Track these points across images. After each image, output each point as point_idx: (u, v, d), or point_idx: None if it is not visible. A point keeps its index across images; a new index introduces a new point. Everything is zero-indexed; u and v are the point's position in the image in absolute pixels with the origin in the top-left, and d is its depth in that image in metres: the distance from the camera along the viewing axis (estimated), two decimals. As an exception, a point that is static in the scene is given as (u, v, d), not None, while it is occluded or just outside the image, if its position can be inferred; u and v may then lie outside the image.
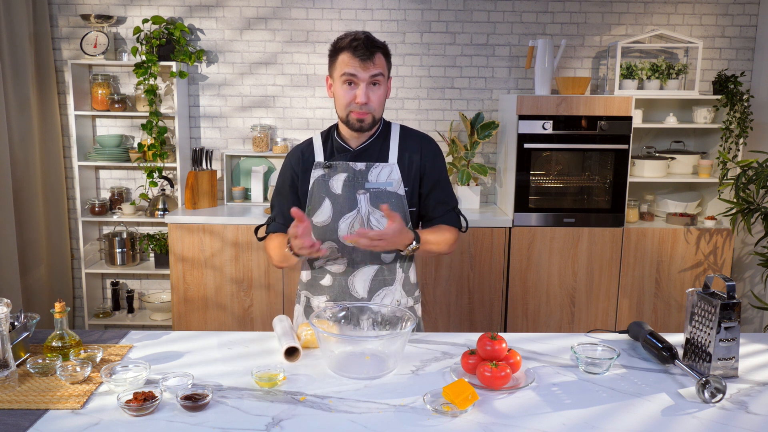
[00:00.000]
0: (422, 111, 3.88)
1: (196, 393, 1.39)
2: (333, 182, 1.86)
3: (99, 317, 3.86)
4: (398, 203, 1.85)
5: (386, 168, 1.85)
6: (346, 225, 1.85)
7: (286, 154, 2.43)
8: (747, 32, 3.82)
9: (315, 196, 1.88)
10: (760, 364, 1.65)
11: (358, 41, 1.74)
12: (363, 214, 1.84)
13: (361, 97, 1.76)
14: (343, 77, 1.76)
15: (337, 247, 1.88)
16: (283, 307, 3.50)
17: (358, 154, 1.87)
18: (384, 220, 1.82)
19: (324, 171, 1.87)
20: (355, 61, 1.74)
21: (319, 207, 1.87)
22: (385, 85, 1.82)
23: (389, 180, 1.85)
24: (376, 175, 1.85)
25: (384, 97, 1.82)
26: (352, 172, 1.85)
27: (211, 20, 3.80)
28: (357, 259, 1.88)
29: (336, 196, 1.85)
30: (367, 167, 1.85)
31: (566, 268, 3.51)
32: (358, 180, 1.85)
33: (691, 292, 1.64)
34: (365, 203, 1.84)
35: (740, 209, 3.29)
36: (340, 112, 1.82)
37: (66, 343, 1.60)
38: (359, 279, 1.88)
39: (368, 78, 1.75)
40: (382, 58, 1.79)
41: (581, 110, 3.42)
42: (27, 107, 3.53)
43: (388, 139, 1.90)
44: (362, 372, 1.55)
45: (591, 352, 1.64)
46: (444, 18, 3.80)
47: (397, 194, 1.85)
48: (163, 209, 3.78)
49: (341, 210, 1.85)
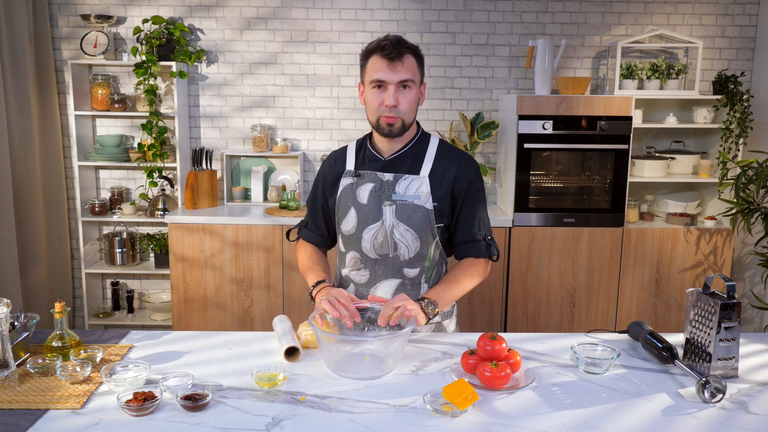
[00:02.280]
0: (422, 111, 3.88)
1: (196, 393, 1.39)
2: (360, 191, 1.83)
3: (99, 317, 3.86)
4: (424, 217, 1.80)
5: (416, 180, 1.80)
6: (369, 236, 1.82)
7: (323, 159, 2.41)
8: (747, 32, 3.82)
9: (342, 204, 1.86)
10: (760, 364, 1.65)
11: (386, 41, 1.72)
12: (387, 227, 1.80)
13: (389, 100, 1.72)
14: (372, 83, 1.74)
15: (360, 258, 1.86)
16: (283, 307, 3.50)
17: (389, 164, 1.82)
18: (408, 234, 1.80)
19: (352, 180, 1.85)
20: (383, 62, 1.71)
21: (346, 215, 1.85)
22: (417, 90, 1.77)
23: (417, 193, 1.79)
24: (404, 187, 1.80)
25: (415, 101, 1.77)
26: (379, 183, 1.81)
27: (211, 20, 3.80)
28: (379, 272, 1.85)
29: (362, 206, 1.83)
30: (395, 179, 1.81)
31: (566, 268, 3.51)
32: (384, 191, 1.81)
33: (691, 292, 1.64)
34: (390, 215, 1.80)
35: (740, 209, 3.29)
36: (371, 116, 1.78)
37: (66, 343, 1.60)
38: (381, 292, 1.85)
39: (397, 82, 1.71)
40: (413, 60, 1.75)
41: (581, 110, 3.42)
42: (27, 107, 3.53)
43: (423, 151, 1.84)
44: (362, 372, 1.55)
45: (591, 352, 1.64)
46: (444, 18, 3.80)
47: (424, 208, 1.79)
48: (163, 209, 3.78)
49: (366, 220, 1.82)
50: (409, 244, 1.81)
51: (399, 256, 1.82)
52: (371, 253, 1.84)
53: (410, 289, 1.86)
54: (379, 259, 1.83)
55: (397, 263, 1.83)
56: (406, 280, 1.85)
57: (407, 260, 1.83)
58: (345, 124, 3.90)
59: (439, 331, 1.92)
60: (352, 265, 1.88)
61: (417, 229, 1.80)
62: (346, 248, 1.89)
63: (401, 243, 1.81)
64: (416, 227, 1.80)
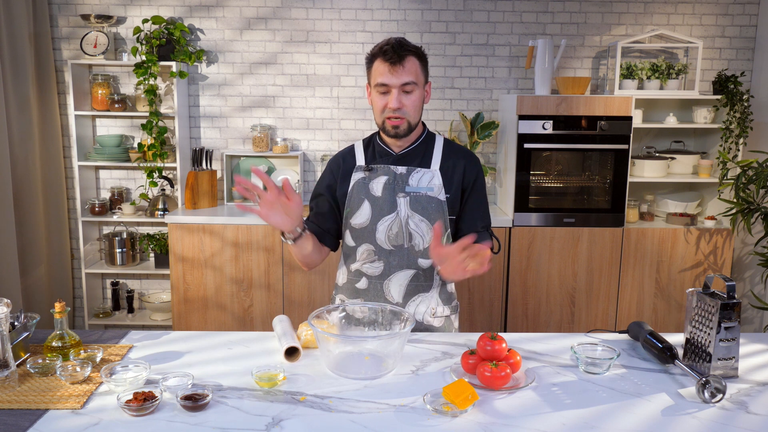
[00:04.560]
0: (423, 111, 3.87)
1: (196, 393, 1.39)
2: (373, 185, 1.86)
3: (99, 317, 3.86)
4: (438, 208, 1.84)
5: (428, 173, 1.85)
6: (384, 227, 1.85)
7: (327, 161, 2.43)
8: (747, 32, 3.82)
9: (354, 198, 1.88)
10: (760, 364, 1.65)
11: (388, 45, 1.76)
12: (402, 218, 1.84)
13: (393, 102, 1.77)
14: (377, 87, 1.79)
15: (374, 250, 1.88)
16: (283, 307, 3.50)
17: (400, 159, 1.88)
18: (422, 224, 1.83)
19: (365, 174, 1.88)
20: (385, 66, 1.75)
21: (358, 209, 1.87)
22: (421, 91, 1.81)
23: (430, 185, 1.85)
24: (417, 179, 1.85)
25: (420, 102, 1.82)
26: (392, 176, 1.86)
27: (211, 20, 3.80)
28: (393, 263, 1.87)
29: (376, 198, 1.86)
30: (408, 171, 1.86)
31: (566, 268, 3.51)
32: (398, 183, 1.85)
33: (691, 292, 1.64)
34: (405, 206, 1.84)
35: (740, 209, 3.29)
36: (377, 119, 1.84)
37: (66, 343, 1.60)
38: (395, 283, 1.88)
39: (399, 85, 1.76)
40: (416, 61, 1.78)
41: (581, 110, 3.42)
42: (27, 107, 3.53)
43: (431, 148, 1.90)
44: (361, 372, 1.55)
45: (591, 352, 1.64)
46: (444, 18, 3.80)
47: (438, 199, 1.84)
48: (163, 209, 3.78)
49: (380, 212, 1.85)
50: (423, 234, 1.84)
51: (414, 246, 1.85)
52: (386, 245, 1.86)
53: (424, 280, 1.89)
54: (394, 250, 1.86)
55: (412, 254, 1.86)
56: (420, 271, 1.88)
57: (422, 251, 1.86)
58: (345, 124, 3.90)
59: (448, 326, 1.94)
60: (365, 258, 1.89)
61: (432, 219, 1.84)
62: (357, 242, 1.90)
63: (416, 233, 1.84)
64: (431, 218, 1.84)
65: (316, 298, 3.47)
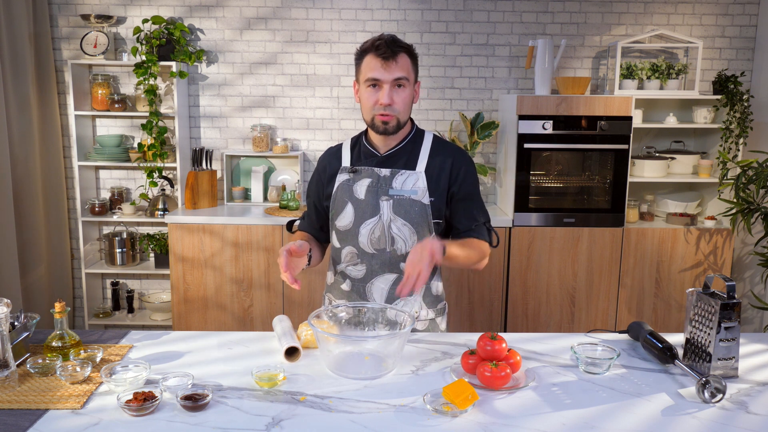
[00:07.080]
0: (422, 111, 3.88)
1: (196, 393, 1.39)
2: (357, 187, 1.84)
3: (99, 317, 3.86)
4: (421, 212, 1.82)
5: (412, 176, 1.82)
6: (367, 231, 1.83)
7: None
8: (747, 32, 3.82)
9: (338, 199, 1.87)
10: (760, 364, 1.65)
11: (381, 41, 1.74)
12: (384, 221, 1.82)
13: (384, 98, 1.74)
14: (367, 82, 1.76)
15: (356, 253, 1.87)
16: (283, 307, 3.50)
17: (385, 160, 1.85)
18: (405, 228, 1.81)
19: (349, 176, 1.86)
20: (377, 61, 1.73)
21: (342, 211, 1.86)
22: (411, 89, 1.80)
23: (414, 188, 1.81)
24: (401, 182, 1.82)
25: (410, 100, 1.80)
26: (376, 178, 1.83)
27: (211, 20, 3.80)
28: (375, 266, 1.86)
29: (359, 201, 1.84)
30: (392, 174, 1.83)
31: (566, 268, 3.51)
32: (381, 186, 1.82)
33: (691, 292, 1.64)
34: (388, 210, 1.81)
35: (740, 209, 3.29)
36: (366, 115, 1.81)
37: (66, 343, 1.60)
38: (377, 287, 1.87)
39: (391, 80, 1.74)
40: (407, 59, 1.77)
41: (581, 110, 3.42)
42: (27, 107, 3.53)
43: (418, 147, 1.87)
44: (361, 372, 1.55)
45: (591, 352, 1.64)
46: (444, 18, 3.80)
47: (421, 203, 1.81)
48: (163, 209, 3.78)
49: (363, 215, 1.83)
50: (406, 238, 1.82)
51: (396, 250, 1.83)
52: (368, 248, 1.84)
53: None
54: (376, 254, 1.84)
55: (394, 258, 1.84)
56: (402, 275, 1.85)
57: (404, 255, 1.84)
58: (345, 124, 3.90)
59: (433, 328, 1.93)
60: (348, 260, 1.89)
61: (414, 223, 1.81)
62: (341, 244, 1.90)
63: (398, 237, 1.82)
64: (413, 222, 1.81)
65: (316, 298, 3.47)
